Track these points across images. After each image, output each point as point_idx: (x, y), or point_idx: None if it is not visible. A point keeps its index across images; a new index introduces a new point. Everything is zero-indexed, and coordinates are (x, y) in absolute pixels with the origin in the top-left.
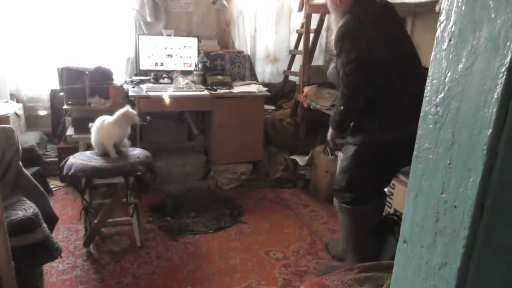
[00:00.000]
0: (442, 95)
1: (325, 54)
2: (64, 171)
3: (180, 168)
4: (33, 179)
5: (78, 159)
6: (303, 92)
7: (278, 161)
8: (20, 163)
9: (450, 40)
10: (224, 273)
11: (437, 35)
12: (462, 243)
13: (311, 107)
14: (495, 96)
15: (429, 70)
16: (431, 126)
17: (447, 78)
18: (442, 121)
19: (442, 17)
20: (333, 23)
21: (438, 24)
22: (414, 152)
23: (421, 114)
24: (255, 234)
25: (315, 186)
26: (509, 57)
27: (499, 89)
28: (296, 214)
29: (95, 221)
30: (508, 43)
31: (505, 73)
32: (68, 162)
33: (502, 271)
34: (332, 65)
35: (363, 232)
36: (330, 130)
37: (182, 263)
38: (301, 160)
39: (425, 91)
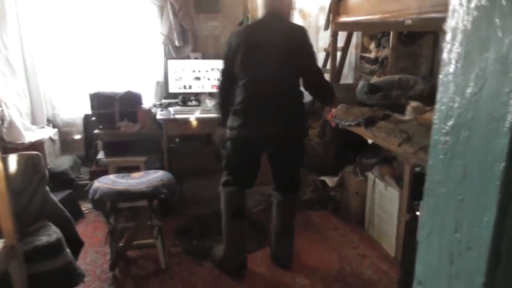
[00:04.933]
0: (451, 122)
1: (355, 72)
2: (90, 196)
3: (208, 191)
4: (59, 204)
5: (103, 183)
6: (331, 111)
7: (307, 182)
8: (47, 188)
9: (457, 62)
10: None
11: (443, 56)
12: None
13: (340, 126)
14: (507, 125)
15: (437, 94)
16: (441, 156)
17: (455, 104)
18: (452, 151)
19: (448, 37)
20: None
21: (444, 45)
22: (426, 184)
23: (431, 143)
24: None
25: (345, 209)
26: None
27: (510, 117)
28: (325, 238)
29: (120, 244)
30: None
31: None
32: (93, 187)
33: None
34: (361, 83)
35: (227, 212)
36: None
37: None
38: (330, 181)
39: (434, 117)
